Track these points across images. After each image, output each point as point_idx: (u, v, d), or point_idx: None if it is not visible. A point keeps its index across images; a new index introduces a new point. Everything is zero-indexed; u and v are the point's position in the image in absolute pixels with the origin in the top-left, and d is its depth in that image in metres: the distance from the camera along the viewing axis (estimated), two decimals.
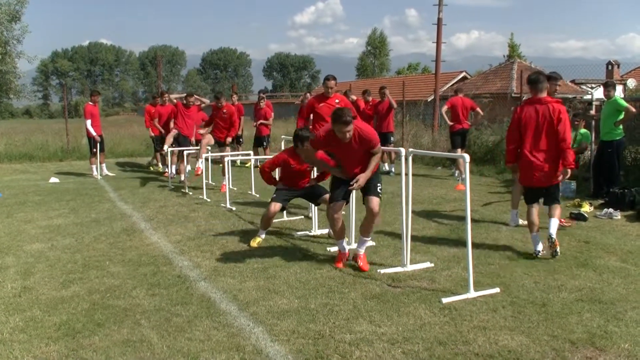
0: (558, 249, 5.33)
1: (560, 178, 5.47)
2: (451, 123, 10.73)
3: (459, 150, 10.61)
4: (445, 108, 10.87)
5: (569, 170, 5.45)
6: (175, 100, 11.27)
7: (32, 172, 13.30)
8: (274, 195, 6.14)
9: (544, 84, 5.46)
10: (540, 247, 5.41)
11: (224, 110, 9.68)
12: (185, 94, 11.18)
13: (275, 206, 6.00)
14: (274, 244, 6.02)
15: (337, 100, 7.12)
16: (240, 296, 4.39)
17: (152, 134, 12.84)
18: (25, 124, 43.13)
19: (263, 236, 6.10)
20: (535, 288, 4.47)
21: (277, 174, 6.65)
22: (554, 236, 5.37)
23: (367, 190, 5.10)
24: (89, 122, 11.78)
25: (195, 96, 11.08)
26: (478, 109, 11.00)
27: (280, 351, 3.43)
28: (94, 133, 11.80)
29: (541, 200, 5.63)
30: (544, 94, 5.45)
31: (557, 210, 5.59)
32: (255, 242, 5.97)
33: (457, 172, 10.91)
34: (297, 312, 4.02)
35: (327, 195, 5.66)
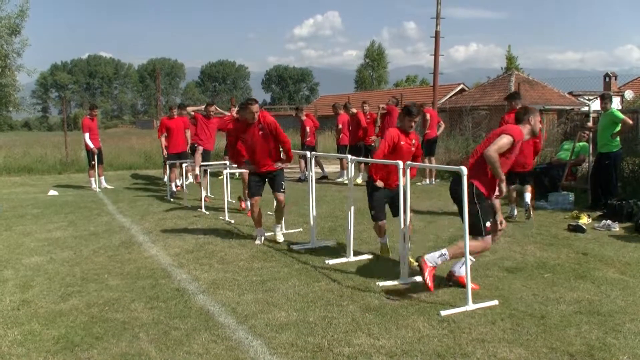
0: (532, 213, 7.61)
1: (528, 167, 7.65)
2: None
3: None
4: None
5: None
6: (192, 113, 11.10)
7: (31, 184, 13.31)
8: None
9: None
10: (515, 212, 7.82)
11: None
12: (205, 105, 10.99)
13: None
14: (272, 256, 6.02)
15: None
16: (238, 309, 4.38)
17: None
18: (24, 136, 43.19)
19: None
20: (534, 300, 4.48)
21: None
22: (529, 203, 7.68)
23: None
24: (87, 135, 11.83)
25: (215, 107, 10.88)
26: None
27: None
28: (92, 146, 11.83)
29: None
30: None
31: (529, 188, 7.82)
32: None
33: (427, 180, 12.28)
34: (295, 325, 4.02)
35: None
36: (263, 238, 6.68)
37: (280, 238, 6.70)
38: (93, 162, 11.96)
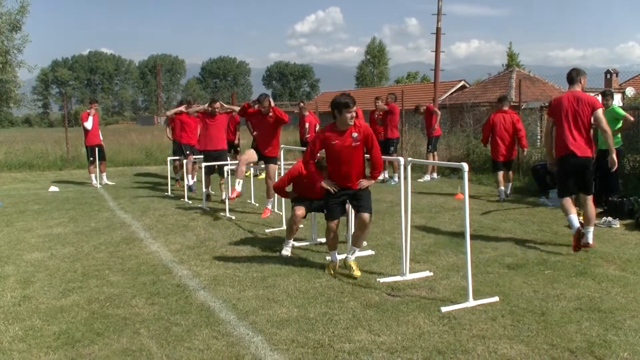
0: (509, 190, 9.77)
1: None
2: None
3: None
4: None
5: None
6: (197, 115, 9.99)
7: (32, 180, 13.32)
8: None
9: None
10: (503, 195, 9.40)
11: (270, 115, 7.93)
12: (209, 101, 9.80)
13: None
14: (272, 253, 6.03)
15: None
16: (239, 305, 4.39)
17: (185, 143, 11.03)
18: (25, 132, 43.25)
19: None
20: (535, 297, 4.48)
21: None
22: (510, 185, 9.92)
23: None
24: (87, 123, 11.78)
25: (220, 102, 9.55)
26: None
27: None
28: (89, 126, 11.77)
29: None
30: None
31: (511, 174, 10.03)
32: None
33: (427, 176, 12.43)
34: (296, 321, 4.02)
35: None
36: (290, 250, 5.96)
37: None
38: (92, 159, 11.95)
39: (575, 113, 6.04)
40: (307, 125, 12.73)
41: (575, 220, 5.84)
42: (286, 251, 5.87)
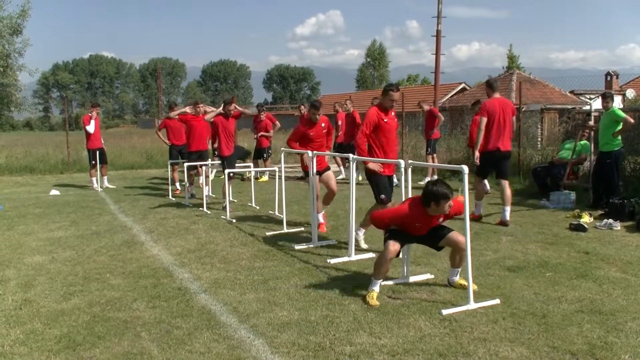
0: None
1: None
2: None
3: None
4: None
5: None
6: (212, 120, 9.27)
7: (33, 184, 13.33)
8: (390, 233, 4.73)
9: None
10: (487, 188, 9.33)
11: (323, 124, 7.24)
12: (223, 104, 9.24)
13: (395, 245, 4.58)
14: (274, 256, 6.03)
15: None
16: (240, 308, 4.39)
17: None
18: (26, 136, 43.28)
19: (378, 288, 4.59)
20: (536, 299, 4.48)
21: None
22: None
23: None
24: (89, 127, 11.81)
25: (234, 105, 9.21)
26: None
27: None
28: (91, 130, 11.80)
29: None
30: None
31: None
32: (371, 299, 4.45)
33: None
34: (297, 324, 4.02)
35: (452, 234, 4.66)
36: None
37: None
38: (94, 162, 11.96)
39: (503, 116, 7.43)
40: (339, 122, 12.65)
41: (481, 206, 7.89)
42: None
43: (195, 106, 10.41)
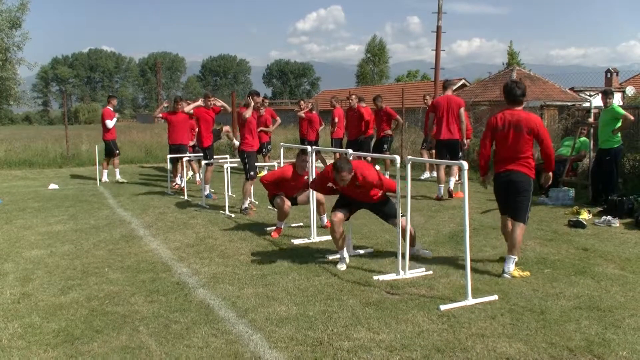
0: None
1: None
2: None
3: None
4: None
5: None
6: (247, 116, 8.34)
7: (32, 178, 13.31)
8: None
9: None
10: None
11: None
12: (251, 95, 8.57)
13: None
14: (272, 251, 6.03)
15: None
16: (238, 303, 4.39)
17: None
18: (25, 130, 43.21)
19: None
20: (534, 295, 4.48)
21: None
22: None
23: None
24: (110, 121, 12.30)
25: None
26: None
27: (279, 358, 3.43)
28: (111, 125, 12.26)
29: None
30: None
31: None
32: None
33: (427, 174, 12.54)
34: (295, 319, 4.02)
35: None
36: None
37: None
38: (118, 152, 12.54)
39: (449, 110, 8.91)
40: (336, 119, 12.63)
41: (442, 189, 9.21)
42: (341, 265, 5.32)
43: (207, 99, 10.27)
